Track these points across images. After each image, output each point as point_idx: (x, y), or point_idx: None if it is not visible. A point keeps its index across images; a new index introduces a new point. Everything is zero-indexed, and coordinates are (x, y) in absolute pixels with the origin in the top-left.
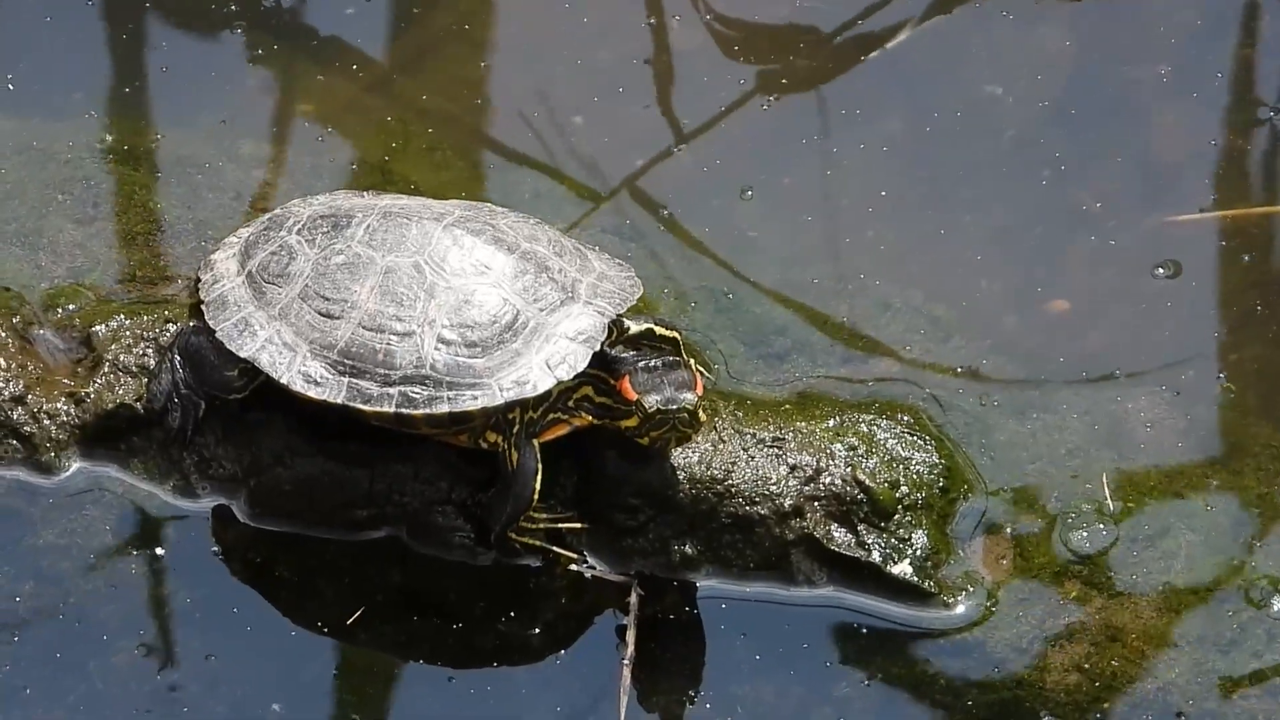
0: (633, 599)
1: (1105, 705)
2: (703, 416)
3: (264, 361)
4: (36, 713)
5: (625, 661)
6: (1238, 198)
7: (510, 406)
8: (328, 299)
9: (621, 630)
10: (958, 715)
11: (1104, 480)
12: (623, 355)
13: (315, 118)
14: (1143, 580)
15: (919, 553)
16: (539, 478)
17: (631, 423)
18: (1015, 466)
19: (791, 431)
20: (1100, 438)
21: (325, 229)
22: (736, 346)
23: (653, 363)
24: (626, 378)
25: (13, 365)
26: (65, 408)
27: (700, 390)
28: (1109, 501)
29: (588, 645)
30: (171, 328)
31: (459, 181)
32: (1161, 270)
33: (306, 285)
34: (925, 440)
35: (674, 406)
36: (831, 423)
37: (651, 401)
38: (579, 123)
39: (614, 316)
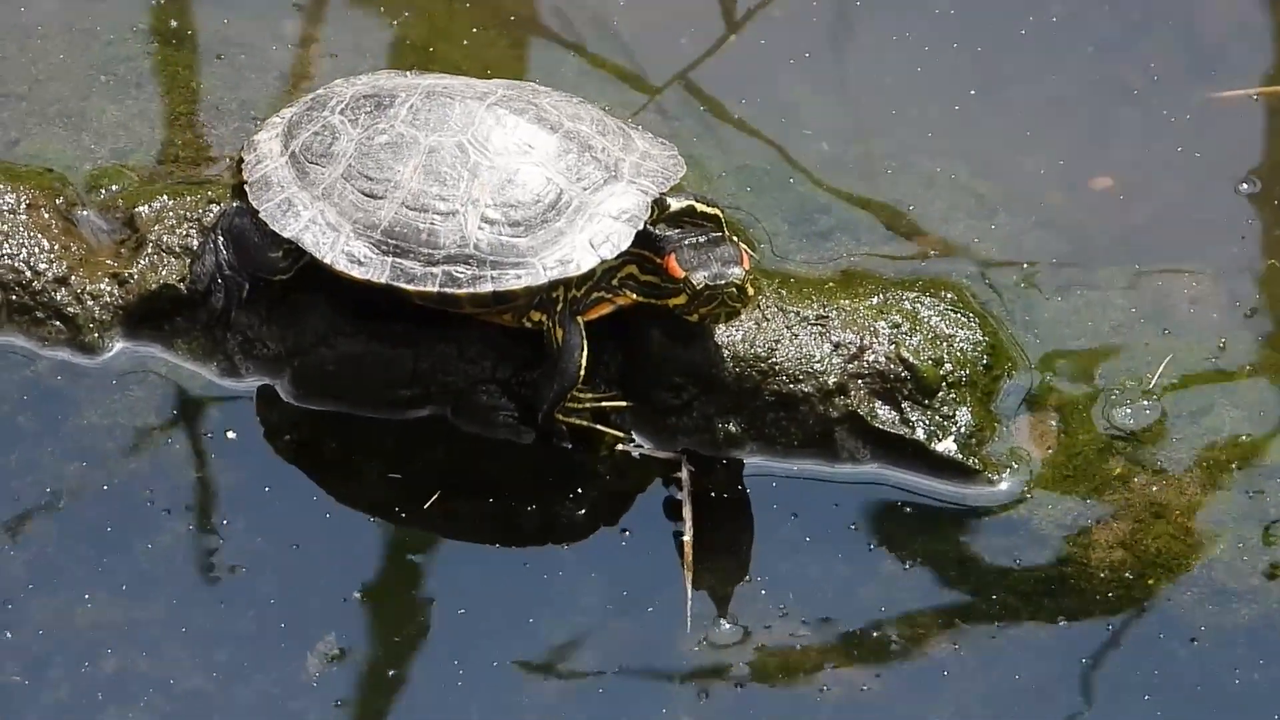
0: (684, 475)
1: (1150, 582)
2: (751, 291)
3: (307, 242)
4: (83, 592)
5: (686, 538)
6: None
7: (554, 285)
8: (371, 179)
9: (675, 507)
10: (1002, 592)
11: (1162, 364)
12: (667, 233)
13: None
14: (1187, 456)
15: (963, 430)
16: (584, 354)
17: (680, 300)
18: (1059, 343)
19: (835, 309)
20: (1143, 314)
21: (368, 109)
22: (780, 225)
23: (698, 239)
24: (672, 255)
25: (56, 246)
26: (108, 289)
27: (747, 264)
28: (1157, 380)
29: (633, 524)
30: (215, 208)
31: (503, 61)
32: (1246, 185)
33: (350, 165)
34: (969, 317)
35: (722, 281)
36: (875, 300)
37: (699, 278)
38: (622, 2)
39: (657, 195)
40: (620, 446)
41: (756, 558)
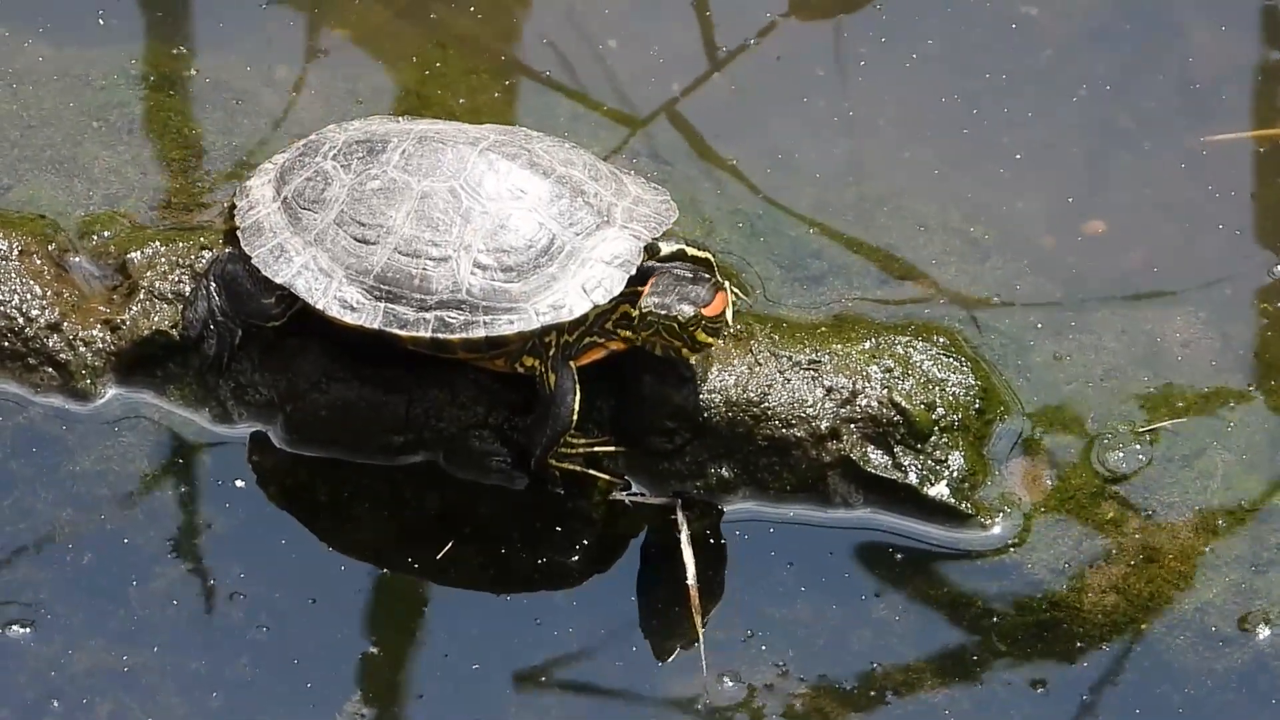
0: (680, 518)
1: (1142, 626)
2: (705, 338)
3: (300, 287)
4: (77, 639)
5: (690, 583)
6: (1275, 116)
7: (546, 330)
8: (363, 224)
9: (670, 552)
10: (995, 636)
11: (1168, 424)
12: (664, 265)
13: (351, 42)
14: (1180, 500)
15: (955, 474)
16: (577, 399)
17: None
18: (1051, 387)
19: (828, 354)
20: (1136, 358)
21: (361, 154)
22: (772, 269)
23: (684, 272)
24: (653, 279)
25: (48, 292)
26: (101, 335)
27: (715, 311)
28: (1153, 427)
29: (627, 568)
30: (207, 254)
31: (495, 106)
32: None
33: (342, 211)
34: (961, 362)
35: (662, 312)
36: (868, 345)
37: (648, 303)
38: (614, 46)
39: (649, 240)
40: (615, 495)
41: (746, 600)
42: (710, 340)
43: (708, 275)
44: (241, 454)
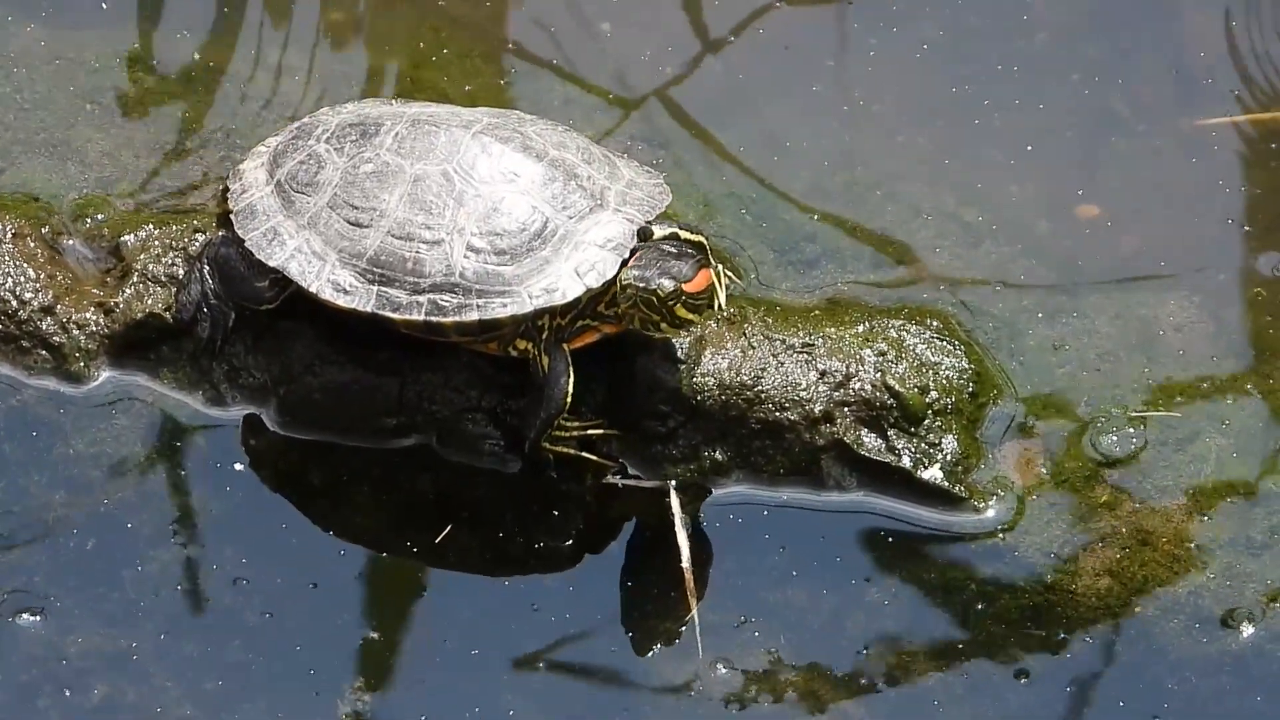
0: (674, 503)
1: (1136, 609)
2: (686, 314)
3: (293, 270)
4: (71, 622)
5: (685, 566)
6: (1269, 101)
7: (539, 314)
8: (356, 208)
9: (664, 535)
10: (988, 619)
11: (1161, 411)
12: (657, 245)
13: (344, 26)
14: (1173, 484)
15: (949, 457)
16: (570, 382)
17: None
18: (1045, 371)
19: (821, 337)
20: (1130, 342)
21: (354, 137)
22: (766, 253)
23: (671, 249)
24: (639, 253)
25: (42, 275)
26: (94, 317)
27: (696, 287)
28: (1145, 411)
29: (621, 552)
30: (200, 237)
31: (488, 89)
32: None
33: (335, 194)
34: (955, 345)
35: (641, 285)
36: (861, 328)
37: (629, 275)
38: (607, 30)
39: (643, 224)
40: (609, 478)
41: (740, 584)
42: (691, 317)
43: (693, 252)
44: (235, 437)
